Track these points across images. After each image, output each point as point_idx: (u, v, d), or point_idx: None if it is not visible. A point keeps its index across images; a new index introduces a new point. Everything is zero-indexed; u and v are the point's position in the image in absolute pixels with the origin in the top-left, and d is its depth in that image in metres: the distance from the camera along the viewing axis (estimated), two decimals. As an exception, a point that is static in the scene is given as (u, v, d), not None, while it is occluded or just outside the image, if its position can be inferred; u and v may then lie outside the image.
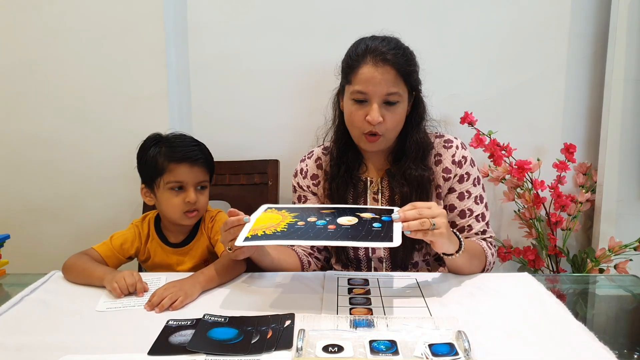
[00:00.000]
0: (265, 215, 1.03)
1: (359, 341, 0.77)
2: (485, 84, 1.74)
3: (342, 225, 0.96)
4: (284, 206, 1.08)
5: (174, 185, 1.22)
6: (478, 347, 0.76)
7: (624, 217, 1.66)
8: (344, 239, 0.91)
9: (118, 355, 0.77)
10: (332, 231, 0.94)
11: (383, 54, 1.12)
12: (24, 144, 1.73)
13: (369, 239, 0.91)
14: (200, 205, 1.25)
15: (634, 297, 1.10)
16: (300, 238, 0.93)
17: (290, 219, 1.00)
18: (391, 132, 1.18)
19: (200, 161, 1.24)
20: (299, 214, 1.02)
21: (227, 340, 0.81)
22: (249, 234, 0.94)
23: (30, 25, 1.67)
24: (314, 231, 0.94)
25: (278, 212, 1.04)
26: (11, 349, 0.79)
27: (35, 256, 1.73)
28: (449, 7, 1.70)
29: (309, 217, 1.00)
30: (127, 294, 1.01)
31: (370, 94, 1.13)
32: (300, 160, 1.36)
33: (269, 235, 0.93)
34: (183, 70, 1.76)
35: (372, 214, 1.00)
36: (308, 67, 1.73)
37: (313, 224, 0.97)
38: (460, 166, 1.22)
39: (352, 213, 1.01)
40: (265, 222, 0.99)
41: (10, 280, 1.20)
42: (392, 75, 1.12)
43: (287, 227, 0.96)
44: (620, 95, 1.61)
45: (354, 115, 1.16)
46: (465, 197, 1.21)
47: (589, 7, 1.68)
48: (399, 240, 0.89)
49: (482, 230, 1.22)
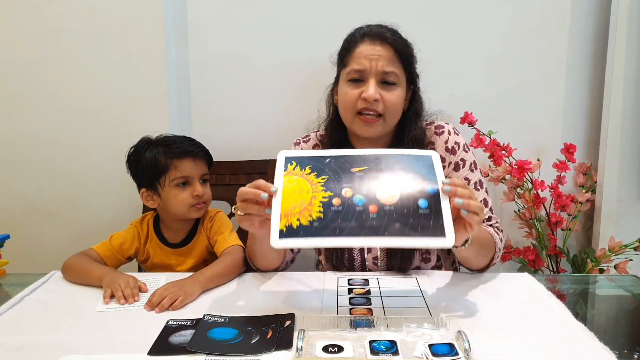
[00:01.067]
0: (290, 183, 0.88)
1: (359, 341, 0.77)
2: (485, 84, 1.73)
3: (385, 206, 0.84)
4: (304, 154, 0.93)
5: (180, 180, 1.23)
6: (478, 347, 0.76)
7: (624, 217, 1.66)
8: (392, 233, 0.81)
9: (118, 355, 0.77)
10: (374, 217, 0.83)
11: (381, 33, 1.11)
12: (24, 144, 1.73)
13: (419, 231, 0.81)
14: (207, 197, 1.27)
15: (634, 297, 1.10)
16: (343, 233, 0.82)
17: (322, 191, 0.86)
18: (390, 114, 1.12)
19: (200, 154, 1.27)
20: (329, 177, 0.88)
21: (227, 340, 0.81)
22: (283, 224, 0.83)
23: (30, 25, 1.67)
24: (354, 218, 0.83)
25: (302, 173, 0.89)
26: (11, 349, 0.79)
27: (35, 256, 1.72)
28: (449, 7, 1.69)
29: (341, 185, 0.86)
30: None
31: (366, 70, 1.09)
32: (294, 144, 1.30)
33: (307, 227, 0.82)
34: (183, 70, 1.76)
35: (413, 175, 0.87)
36: (308, 66, 1.73)
37: (351, 204, 0.84)
38: (453, 153, 1.18)
39: (387, 172, 0.88)
40: (294, 197, 0.86)
41: (10, 280, 1.20)
42: (390, 53, 1.10)
43: (322, 209, 0.84)
44: (620, 95, 1.61)
45: (349, 94, 1.11)
46: None
47: (589, 7, 1.68)
48: (452, 238, 0.81)
49: (487, 217, 1.16)
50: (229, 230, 1.28)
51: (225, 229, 1.28)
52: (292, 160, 0.91)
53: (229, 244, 1.22)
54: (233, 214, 0.94)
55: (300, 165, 0.90)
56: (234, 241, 1.23)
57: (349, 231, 0.82)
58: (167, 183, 1.23)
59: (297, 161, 0.90)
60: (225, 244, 1.23)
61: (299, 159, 0.91)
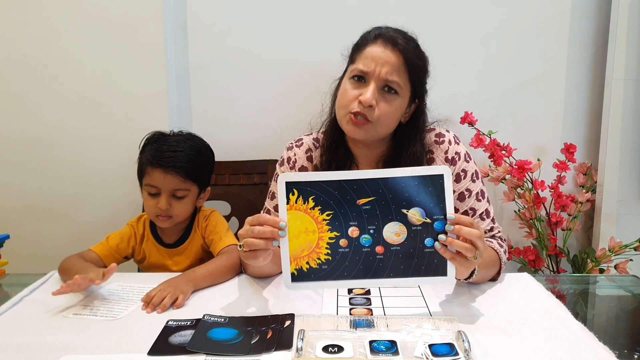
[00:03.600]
0: (294, 222, 0.87)
1: (359, 341, 0.77)
2: (486, 84, 1.73)
3: (391, 246, 0.86)
4: (305, 179, 0.87)
5: (149, 189, 1.22)
6: (478, 347, 0.76)
7: (624, 217, 1.66)
8: (397, 274, 0.86)
9: (118, 355, 0.77)
10: (381, 257, 0.86)
11: (394, 38, 1.08)
12: (24, 144, 1.73)
13: (422, 271, 0.86)
14: (174, 212, 1.22)
15: (634, 297, 1.10)
16: (351, 275, 0.86)
17: (328, 231, 0.87)
18: (381, 123, 1.09)
19: (173, 169, 1.20)
20: (334, 212, 0.87)
21: (227, 340, 0.81)
22: (293, 268, 0.87)
23: (30, 25, 1.67)
24: (361, 260, 0.86)
25: (306, 207, 0.87)
26: (12, 349, 0.79)
27: (35, 256, 1.72)
28: (449, 7, 1.69)
29: (347, 222, 0.87)
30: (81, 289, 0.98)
31: (370, 73, 1.07)
32: (286, 148, 1.25)
33: (317, 270, 0.87)
34: (183, 69, 1.76)
35: (420, 211, 0.86)
36: (308, 66, 1.73)
37: (358, 245, 0.87)
38: (454, 163, 1.15)
39: (394, 204, 0.86)
40: (301, 239, 0.87)
41: (10, 281, 1.20)
42: (397, 61, 1.07)
43: (330, 252, 0.87)
44: (620, 95, 1.61)
45: (347, 93, 1.09)
46: (466, 197, 1.14)
47: (589, 7, 1.68)
48: (453, 275, 0.86)
49: (488, 228, 1.14)
50: (225, 230, 1.28)
51: (220, 229, 1.28)
52: (293, 189, 0.87)
53: (225, 244, 1.22)
54: (231, 214, 0.93)
55: (303, 195, 0.87)
56: (230, 240, 1.23)
57: (356, 274, 0.87)
58: (143, 185, 1.24)
59: (298, 190, 0.87)
60: (221, 243, 1.22)
61: (300, 188, 0.87)
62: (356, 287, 1.03)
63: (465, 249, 0.84)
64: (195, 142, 1.28)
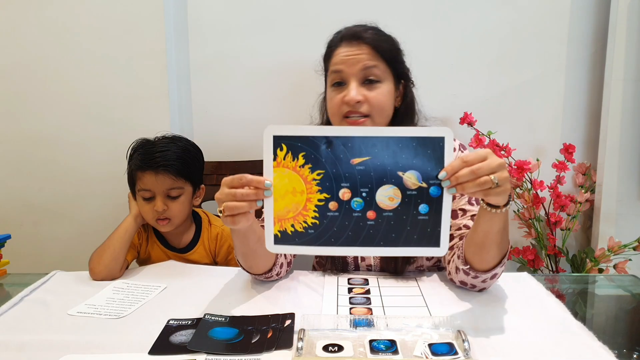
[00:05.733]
0: (281, 180, 0.81)
1: (358, 341, 0.78)
2: (485, 84, 1.74)
3: (384, 211, 0.80)
4: (296, 133, 0.81)
5: (144, 194, 1.21)
6: (478, 347, 0.76)
7: (623, 217, 1.66)
8: (387, 243, 0.80)
9: (118, 355, 0.77)
10: (372, 223, 0.80)
11: (357, 33, 1.10)
12: (25, 144, 1.73)
13: (414, 241, 0.80)
14: (171, 213, 1.22)
15: (633, 297, 1.10)
16: (339, 243, 0.80)
17: (318, 192, 0.80)
18: (378, 113, 1.08)
19: (163, 168, 1.20)
20: (325, 172, 0.80)
21: (227, 339, 0.81)
22: (276, 229, 0.81)
23: (31, 26, 1.67)
24: (351, 225, 0.80)
25: (295, 164, 0.81)
26: (13, 349, 0.80)
27: (36, 256, 1.73)
28: (449, 8, 1.70)
29: (339, 183, 0.80)
30: None
31: (345, 71, 1.08)
32: None
33: (302, 234, 0.80)
34: (183, 70, 1.76)
35: (417, 174, 0.79)
36: (308, 66, 1.71)
37: (349, 208, 0.80)
38: None
39: (390, 165, 0.79)
40: (287, 200, 0.81)
41: (11, 280, 1.20)
42: (367, 51, 1.07)
43: (318, 215, 0.80)
44: (620, 96, 1.61)
45: (333, 100, 1.10)
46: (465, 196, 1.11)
47: (589, 7, 1.68)
48: (446, 247, 0.80)
49: None
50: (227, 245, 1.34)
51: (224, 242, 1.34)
52: (281, 144, 0.80)
53: None
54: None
55: (292, 151, 0.80)
56: None
57: (345, 240, 0.80)
58: (137, 193, 1.24)
59: (288, 145, 0.80)
60: None
61: (290, 143, 0.80)
62: (343, 255, 0.96)
63: (476, 185, 0.76)
64: (181, 141, 1.28)
